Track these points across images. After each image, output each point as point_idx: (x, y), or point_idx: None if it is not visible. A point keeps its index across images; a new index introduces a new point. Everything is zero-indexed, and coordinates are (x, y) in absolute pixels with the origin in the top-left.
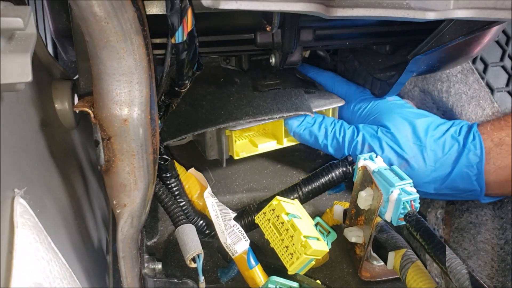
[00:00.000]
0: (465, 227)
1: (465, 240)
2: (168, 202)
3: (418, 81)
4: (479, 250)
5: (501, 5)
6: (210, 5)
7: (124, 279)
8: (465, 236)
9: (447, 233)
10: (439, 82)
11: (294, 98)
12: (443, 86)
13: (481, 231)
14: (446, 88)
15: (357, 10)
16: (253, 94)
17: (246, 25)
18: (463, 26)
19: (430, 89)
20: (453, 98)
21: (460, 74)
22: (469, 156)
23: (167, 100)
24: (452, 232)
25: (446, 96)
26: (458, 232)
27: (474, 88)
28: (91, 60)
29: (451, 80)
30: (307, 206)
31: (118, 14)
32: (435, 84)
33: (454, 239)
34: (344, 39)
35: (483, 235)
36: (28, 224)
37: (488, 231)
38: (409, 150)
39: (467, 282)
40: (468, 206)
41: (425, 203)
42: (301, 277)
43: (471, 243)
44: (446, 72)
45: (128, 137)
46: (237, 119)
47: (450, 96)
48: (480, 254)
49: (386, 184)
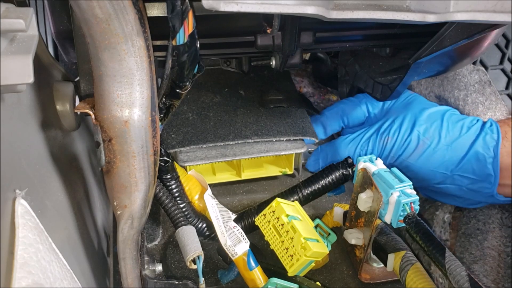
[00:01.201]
0: (472, 233)
1: (471, 246)
2: (168, 204)
3: (434, 86)
4: (485, 255)
5: (501, 8)
6: (210, 7)
7: (124, 280)
8: (471, 241)
9: (453, 237)
10: (457, 90)
11: (300, 121)
12: (460, 94)
13: (488, 238)
14: (463, 97)
15: (357, 13)
16: (259, 111)
17: (247, 27)
18: (464, 29)
19: (446, 95)
20: (470, 107)
21: (478, 85)
22: (486, 138)
23: (168, 102)
24: (459, 237)
25: (463, 104)
26: (465, 237)
27: (491, 100)
28: (92, 61)
29: (468, 89)
30: (307, 208)
31: (119, 15)
32: (452, 91)
33: (461, 243)
34: (345, 41)
35: (490, 242)
36: (29, 225)
37: (495, 238)
38: (426, 133)
39: (467, 284)
40: (475, 213)
41: (433, 206)
42: (301, 278)
43: (478, 248)
44: (464, 81)
45: (129, 139)
46: (246, 138)
47: (466, 104)
48: (487, 260)
49: (386, 186)
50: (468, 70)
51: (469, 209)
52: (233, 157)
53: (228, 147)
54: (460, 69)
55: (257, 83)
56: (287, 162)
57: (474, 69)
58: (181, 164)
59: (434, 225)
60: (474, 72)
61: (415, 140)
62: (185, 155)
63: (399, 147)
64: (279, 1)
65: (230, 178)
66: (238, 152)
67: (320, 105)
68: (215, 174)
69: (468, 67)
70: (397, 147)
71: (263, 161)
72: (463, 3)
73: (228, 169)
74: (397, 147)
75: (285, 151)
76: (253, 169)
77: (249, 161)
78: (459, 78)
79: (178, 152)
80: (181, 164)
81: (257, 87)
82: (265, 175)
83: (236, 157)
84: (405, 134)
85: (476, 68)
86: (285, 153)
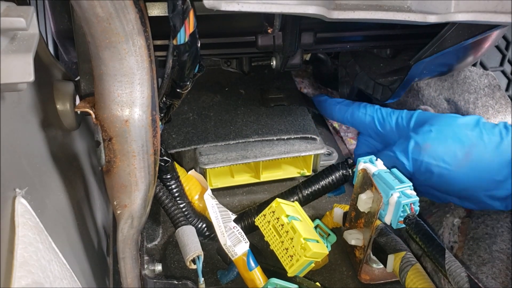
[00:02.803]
0: (481, 237)
1: (480, 249)
2: (168, 204)
3: (444, 89)
4: (494, 258)
5: (502, 9)
6: (211, 7)
7: (124, 280)
8: (480, 245)
9: (461, 240)
10: (467, 93)
11: (300, 119)
12: (470, 97)
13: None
14: (473, 100)
15: (358, 13)
16: (259, 110)
17: (248, 27)
18: (465, 30)
19: (456, 98)
20: (480, 110)
21: (488, 88)
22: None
23: (168, 102)
24: (467, 240)
25: (473, 107)
26: (473, 241)
27: (501, 103)
28: (92, 61)
29: (478, 93)
30: (307, 209)
31: (120, 15)
32: (463, 94)
33: (469, 246)
34: (345, 42)
35: (499, 245)
36: (29, 224)
37: (503, 242)
38: (467, 139)
39: (466, 285)
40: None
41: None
42: (300, 279)
43: (486, 251)
44: (474, 85)
45: (129, 138)
46: (246, 137)
47: (477, 107)
48: (495, 262)
49: (386, 187)
50: (478, 74)
51: (478, 215)
52: (254, 158)
53: (248, 149)
54: (464, 71)
55: (257, 82)
56: (305, 163)
57: (484, 73)
58: (202, 167)
59: (443, 227)
60: (483, 76)
61: (459, 147)
62: (205, 158)
63: (443, 154)
64: (280, 1)
65: (249, 180)
66: (258, 153)
67: None
68: (234, 177)
69: (477, 71)
70: (440, 154)
71: (281, 162)
72: (464, 4)
73: (246, 171)
74: (440, 154)
75: (305, 152)
76: (271, 170)
77: (267, 162)
78: (469, 82)
79: (198, 155)
80: (202, 166)
81: (258, 86)
82: (283, 177)
83: (257, 159)
84: (447, 141)
85: (485, 73)
86: (305, 154)
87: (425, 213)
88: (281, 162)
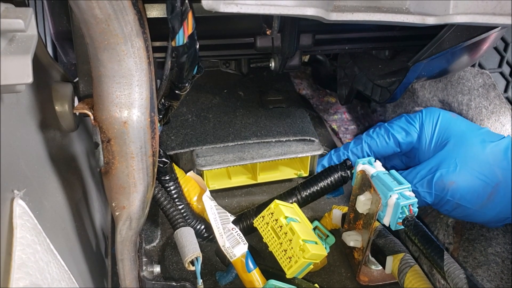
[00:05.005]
0: (476, 238)
1: (475, 251)
2: (167, 205)
3: (438, 91)
4: (489, 261)
5: (500, 10)
6: (210, 8)
7: (122, 281)
8: (475, 247)
9: (456, 241)
10: (460, 94)
11: (299, 121)
12: (463, 99)
13: (492, 244)
14: (466, 101)
15: (356, 15)
16: (258, 112)
17: (246, 29)
18: (464, 32)
19: (450, 100)
20: (473, 111)
21: (482, 88)
22: None
23: (167, 103)
24: (463, 241)
25: (466, 109)
26: (468, 242)
27: (495, 104)
28: (91, 62)
29: (472, 94)
30: (305, 210)
31: (119, 16)
32: (456, 96)
33: (465, 248)
34: (344, 43)
35: (494, 248)
36: (27, 225)
37: (499, 245)
38: (493, 178)
39: (465, 286)
40: None
41: (435, 210)
42: (299, 280)
43: (482, 254)
44: (468, 85)
45: (128, 139)
46: (245, 139)
47: (470, 109)
48: (491, 265)
49: (384, 188)
50: (472, 74)
51: None
52: (251, 160)
53: (245, 150)
54: (459, 72)
55: (256, 84)
56: (302, 165)
57: (478, 72)
58: (199, 169)
59: (437, 228)
60: (478, 75)
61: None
62: (202, 160)
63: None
64: (279, 2)
65: (246, 182)
66: (255, 155)
67: (319, 107)
68: (231, 178)
69: (472, 71)
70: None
71: (278, 163)
72: (463, 5)
73: (243, 172)
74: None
75: (302, 154)
76: (269, 172)
77: (264, 164)
78: (463, 82)
79: (195, 157)
80: (199, 168)
81: (256, 88)
82: (280, 178)
83: (254, 160)
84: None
85: (480, 72)
86: (302, 156)
87: (420, 213)
88: (278, 164)
